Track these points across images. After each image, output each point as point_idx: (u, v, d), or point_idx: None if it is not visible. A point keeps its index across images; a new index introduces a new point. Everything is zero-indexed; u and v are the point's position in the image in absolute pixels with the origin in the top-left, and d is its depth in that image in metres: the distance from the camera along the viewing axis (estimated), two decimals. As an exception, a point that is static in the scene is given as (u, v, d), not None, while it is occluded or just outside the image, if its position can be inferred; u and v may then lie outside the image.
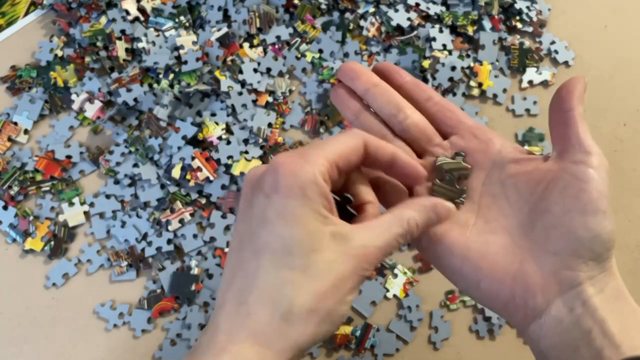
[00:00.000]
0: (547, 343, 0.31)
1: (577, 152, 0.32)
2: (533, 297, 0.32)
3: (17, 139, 0.69)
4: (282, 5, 0.73)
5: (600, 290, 0.30)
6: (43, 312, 0.63)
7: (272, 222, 0.29)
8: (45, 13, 0.75)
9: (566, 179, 0.31)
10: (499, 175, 0.35)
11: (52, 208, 0.66)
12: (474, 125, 0.37)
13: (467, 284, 0.34)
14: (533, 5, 0.75)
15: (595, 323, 0.30)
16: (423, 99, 0.38)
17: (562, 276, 0.31)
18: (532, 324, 0.32)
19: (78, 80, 0.70)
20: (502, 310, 0.34)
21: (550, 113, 0.34)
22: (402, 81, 0.38)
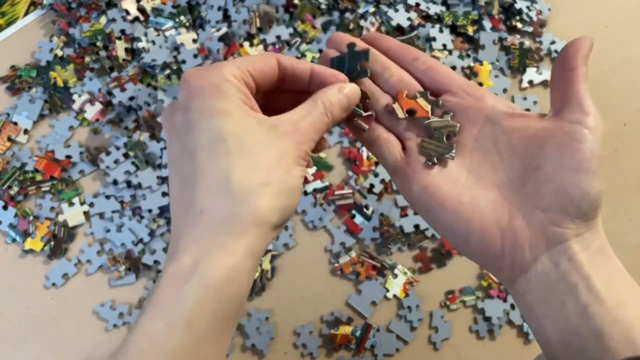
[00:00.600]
0: (533, 297, 0.32)
1: (575, 112, 0.32)
2: (521, 251, 0.32)
3: (17, 138, 0.69)
4: (282, 5, 0.73)
5: (586, 248, 0.31)
6: (43, 312, 0.63)
7: (196, 123, 0.30)
8: (45, 13, 0.75)
9: (561, 137, 0.32)
10: (492, 131, 0.35)
11: (52, 208, 0.66)
12: (465, 82, 0.37)
13: (457, 238, 0.34)
14: (533, 5, 0.75)
15: (581, 278, 0.30)
16: (411, 59, 0.38)
17: (550, 232, 0.31)
18: (518, 278, 0.33)
19: (78, 80, 0.70)
20: (490, 265, 0.34)
21: (553, 71, 0.35)
22: (388, 44, 0.39)
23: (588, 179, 0.31)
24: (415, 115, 0.37)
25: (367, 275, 0.64)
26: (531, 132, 0.33)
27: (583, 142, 0.31)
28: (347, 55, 0.38)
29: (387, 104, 0.37)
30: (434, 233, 0.66)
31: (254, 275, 0.31)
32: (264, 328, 0.63)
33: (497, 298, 0.64)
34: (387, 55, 0.38)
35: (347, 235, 0.66)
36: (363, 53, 0.37)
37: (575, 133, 0.31)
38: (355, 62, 0.38)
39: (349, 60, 0.38)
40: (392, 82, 0.37)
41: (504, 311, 0.64)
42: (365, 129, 0.37)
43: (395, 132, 0.37)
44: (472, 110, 0.36)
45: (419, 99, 0.37)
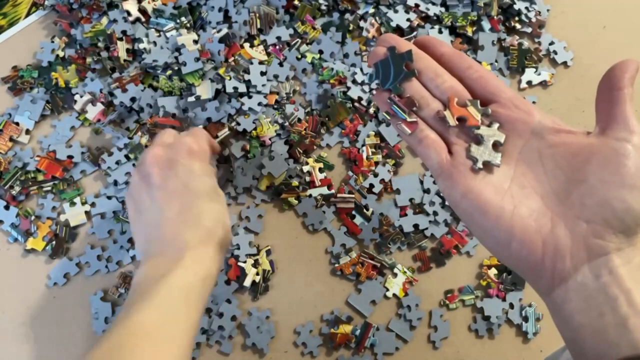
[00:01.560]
0: (572, 308, 0.32)
1: (621, 130, 0.33)
2: (562, 260, 0.32)
3: (19, 139, 0.69)
4: (283, 6, 0.73)
5: (628, 262, 0.31)
6: (44, 312, 0.64)
7: (200, 176, 0.50)
8: (47, 14, 0.75)
9: (607, 153, 0.32)
10: (538, 144, 0.36)
11: (54, 208, 0.67)
12: (514, 95, 0.38)
13: (498, 244, 0.35)
14: (532, 6, 0.75)
15: (622, 292, 0.30)
16: (464, 67, 0.39)
17: (592, 243, 0.32)
18: (557, 288, 0.33)
19: (79, 80, 0.71)
20: (529, 272, 0.34)
21: (599, 90, 0.35)
22: (442, 51, 0.39)
23: (633, 194, 0.31)
24: (466, 123, 0.37)
25: (368, 276, 0.65)
26: (576, 147, 0.34)
27: (629, 158, 0.32)
28: (390, 58, 0.39)
29: (439, 111, 0.38)
30: (433, 232, 0.66)
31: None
32: (264, 327, 0.63)
33: (496, 297, 0.65)
34: (441, 60, 0.39)
35: (347, 236, 0.66)
36: (406, 54, 0.38)
37: (621, 149, 0.32)
38: (400, 64, 0.38)
39: (393, 64, 0.39)
40: (444, 88, 0.38)
41: (502, 310, 0.64)
42: (407, 133, 0.38)
43: (442, 136, 0.38)
44: (519, 123, 0.37)
45: (469, 107, 0.37)
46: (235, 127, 0.69)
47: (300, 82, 0.72)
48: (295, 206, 0.67)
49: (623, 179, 0.31)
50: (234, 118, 0.69)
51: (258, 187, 0.67)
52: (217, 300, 0.64)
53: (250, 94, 0.70)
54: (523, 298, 0.65)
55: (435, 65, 0.39)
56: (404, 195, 0.67)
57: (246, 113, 0.69)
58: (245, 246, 0.65)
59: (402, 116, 0.38)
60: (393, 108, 0.39)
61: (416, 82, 0.39)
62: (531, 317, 0.64)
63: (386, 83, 0.39)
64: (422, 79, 0.39)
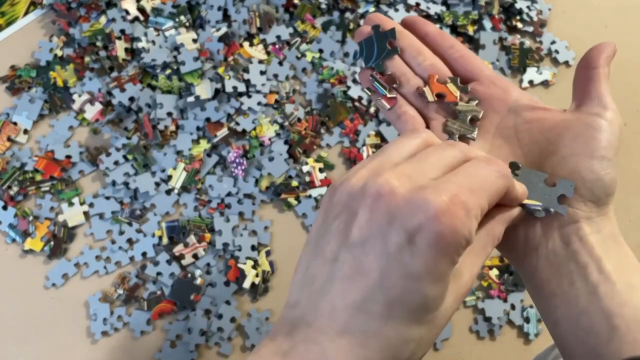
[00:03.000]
0: (543, 276, 0.33)
1: (595, 105, 0.34)
2: (533, 229, 0.33)
3: (17, 138, 0.68)
4: (282, 5, 0.73)
5: (598, 231, 0.32)
6: (43, 312, 0.63)
7: (417, 279, 0.25)
8: (45, 13, 0.74)
9: (580, 127, 0.33)
10: (514, 120, 0.37)
11: (52, 208, 0.66)
12: (493, 74, 0.39)
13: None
14: (533, 5, 0.74)
15: (592, 259, 0.31)
16: (446, 47, 0.39)
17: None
18: (528, 256, 0.33)
19: (78, 80, 0.70)
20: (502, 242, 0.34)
21: (577, 70, 0.36)
22: (426, 30, 0.40)
23: (602, 165, 0.32)
24: (445, 99, 0.38)
25: (367, 276, 0.64)
26: (551, 122, 0.35)
27: (600, 131, 0.33)
28: (374, 36, 0.39)
29: (418, 87, 0.38)
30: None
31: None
32: (263, 328, 0.63)
33: (497, 298, 0.64)
34: (425, 39, 0.40)
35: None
36: (390, 32, 0.39)
37: (593, 123, 0.33)
38: (384, 42, 0.39)
39: (377, 42, 0.39)
40: (425, 66, 0.39)
41: (504, 311, 0.64)
42: (386, 108, 0.39)
43: (422, 113, 0.39)
44: (497, 100, 0.37)
45: (449, 84, 0.38)
46: (234, 127, 0.68)
47: (300, 81, 0.72)
48: (295, 206, 0.67)
49: (593, 151, 0.32)
50: (233, 118, 0.69)
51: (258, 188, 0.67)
52: (216, 302, 0.63)
53: (249, 94, 0.70)
54: (524, 299, 0.64)
55: (418, 44, 0.39)
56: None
57: (245, 113, 0.69)
58: (246, 248, 0.65)
59: (382, 92, 0.39)
60: (374, 85, 0.39)
61: (398, 60, 0.39)
62: (532, 318, 0.64)
63: (369, 61, 0.40)
64: (404, 57, 0.39)
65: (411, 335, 0.26)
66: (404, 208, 0.25)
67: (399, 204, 0.25)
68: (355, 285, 0.26)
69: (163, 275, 0.64)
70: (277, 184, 0.67)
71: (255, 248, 0.65)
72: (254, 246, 0.65)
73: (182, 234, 0.65)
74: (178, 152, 0.67)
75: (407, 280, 0.25)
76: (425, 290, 0.26)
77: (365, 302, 0.26)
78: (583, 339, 0.31)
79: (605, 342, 0.30)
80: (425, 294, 0.26)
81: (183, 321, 0.63)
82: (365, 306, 0.26)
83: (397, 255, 0.25)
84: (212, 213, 0.66)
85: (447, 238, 0.25)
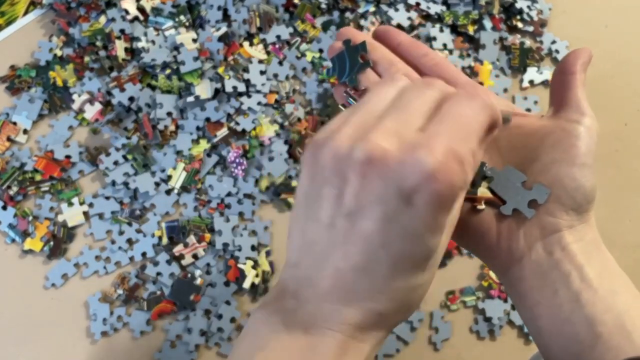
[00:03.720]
0: (527, 285, 0.33)
1: (573, 112, 0.34)
2: (516, 240, 0.33)
3: (17, 138, 0.68)
4: (282, 5, 0.73)
5: (580, 239, 0.32)
6: (42, 313, 0.63)
7: (419, 236, 0.26)
8: (45, 12, 0.74)
9: (558, 134, 0.33)
10: None
11: (52, 208, 0.66)
12: (469, 81, 0.38)
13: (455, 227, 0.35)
14: (534, 5, 0.74)
15: (574, 267, 0.31)
16: (420, 55, 0.39)
17: (544, 221, 0.32)
18: (512, 267, 0.33)
19: (77, 80, 0.70)
20: (485, 253, 0.35)
21: (554, 76, 0.36)
22: (399, 40, 0.40)
23: (582, 172, 0.32)
24: None
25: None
26: (530, 129, 0.35)
27: (579, 138, 0.33)
28: (345, 51, 0.39)
29: None
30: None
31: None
32: (264, 328, 0.63)
33: (497, 298, 0.64)
34: (398, 49, 0.39)
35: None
36: (360, 45, 0.38)
37: (572, 130, 0.33)
38: (355, 56, 0.38)
39: (348, 56, 0.39)
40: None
41: (504, 312, 0.64)
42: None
43: None
44: None
45: None
46: (234, 126, 0.68)
47: (300, 81, 0.72)
48: (295, 206, 0.67)
49: (574, 158, 0.32)
50: (233, 118, 0.69)
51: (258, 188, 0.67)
52: (216, 302, 0.63)
53: (249, 94, 0.69)
54: (524, 299, 0.64)
55: (390, 55, 0.39)
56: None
57: (245, 113, 0.69)
58: (246, 248, 0.65)
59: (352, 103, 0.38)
60: (349, 100, 0.39)
61: (371, 73, 0.39)
62: (533, 318, 0.64)
63: (342, 76, 0.39)
64: (377, 69, 0.39)
65: (417, 282, 0.28)
66: (398, 171, 0.25)
67: (393, 168, 0.25)
68: (357, 248, 0.26)
69: (163, 275, 0.64)
70: (277, 184, 0.67)
71: (255, 248, 0.65)
72: (254, 246, 0.65)
73: (182, 234, 0.65)
74: (178, 152, 0.67)
75: (409, 239, 0.26)
76: (427, 243, 0.27)
77: (370, 263, 0.26)
78: (567, 346, 0.31)
79: (588, 349, 0.30)
80: (428, 247, 0.27)
81: (183, 321, 0.63)
82: (370, 267, 0.26)
83: (395, 218, 0.26)
84: (212, 213, 0.66)
85: (445, 194, 0.25)
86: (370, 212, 0.26)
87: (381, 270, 0.26)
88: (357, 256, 0.26)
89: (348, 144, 0.26)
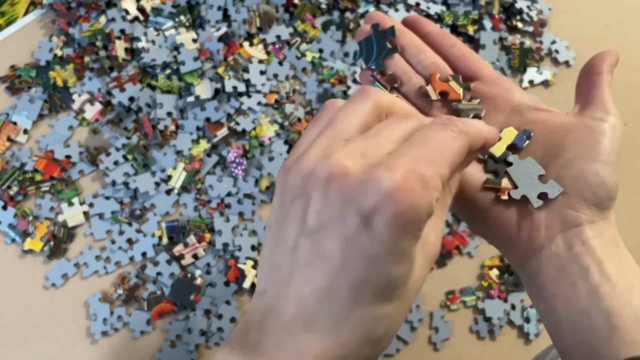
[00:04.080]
0: (545, 277, 0.33)
1: (598, 110, 0.34)
2: (537, 231, 0.33)
3: (17, 138, 0.68)
4: (282, 5, 0.73)
5: (600, 235, 0.32)
6: (42, 313, 0.63)
7: (379, 260, 0.24)
8: (45, 13, 0.74)
9: (583, 131, 0.34)
10: (517, 120, 0.37)
11: (52, 208, 0.66)
12: (495, 74, 0.39)
13: (476, 216, 0.36)
14: (533, 5, 0.74)
15: (594, 262, 0.32)
16: (447, 46, 0.39)
17: (566, 215, 0.33)
18: (531, 258, 0.34)
19: (77, 80, 0.70)
20: (504, 243, 0.35)
21: (580, 75, 0.37)
22: (428, 29, 0.40)
23: (606, 169, 0.33)
24: (448, 97, 0.37)
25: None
26: (554, 124, 0.35)
27: (604, 135, 0.33)
28: (374, 35, 0.39)
29: (421, 86, 0.38)
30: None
31: None
32: (264, 328, 0.63)
33: (497, 298, 0.64)
34: (426, 39, 0.40)
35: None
36: (389, 30, 0.38)
37: (597, 127, 0.34)
38: (383, 41, 0.39)
39: (376, 40, 0.39)
40: (426, 64, 0.39)
41: (504, 312, 0.64)
42: None
43: (423, 111, 0.38)
44: (500, 100, 0.37)
45: (451, 82, 0.38)
46: (234, 126, 0.68)
47: (300, 81, 0.72)
48: (295, 206, 0.67)
49: (598, 155, 0.33)
50: (233, 118, 0.69)
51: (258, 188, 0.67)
52: (216, 302, 0.63)
53: (249, 94, 0.69)
54: (524, 299, 0.64)
55: (418, 42, 0.39)
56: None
57: (245, 113, 0.69)
58: (246, 248, 0.65)
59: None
60: (375, 85, 0.39)
61: (399, 58, 0.39)
62: (533, 318, 0.64)
63: (369, 61, 0.39)
64: (405, 55, 0.39)
65: (382, 313, 0.26)
66: (357, 189, 0.24)
67: (352, 186, 0.24)
68: (319, 271, 0.25)
69: (163, 275, 0.64)
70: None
71: (255, 248, 0.65)
72: (254, 246, 0.65)
73: (182, 234, 0.65)
74: (178, 152, 0.67)
75: (369, 263, 0.25)
76: (389, 270, 0.25)
77: (331, 287, 0.25)
78: (583, 338, 0.31)
79: (604, 342, 0.30)
80: (390, 274, 0.25)
81: (183, 321, 0.63)
82: (331, 291, 0.25)
83: (355, 239, 0.24)
84: (212, 213, 0.66)
85: (404, 216, 0.23)
86: (330, 231, 0.25)
87: (342, 296, 0.25)
88: (319, 278, 0.25)
89: (313, 164, 0.26)
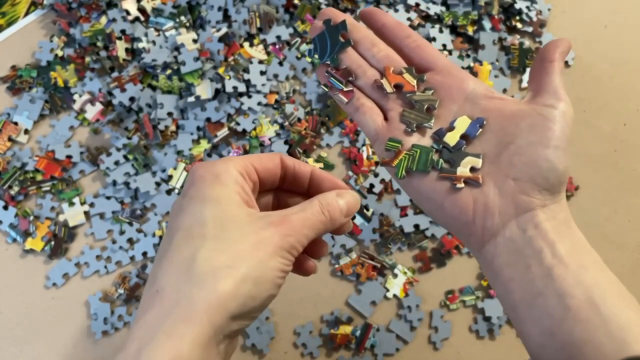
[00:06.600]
0: (501, 262, 0.34)
1: (549, 97, 0.35)
2: (491, 217, 0.34)
3: (18, 138, 0.69)
4: (282, 5, 0.73)
5: (552, 218, 0.34)
6: (43, 312, 0.63)
7: (186, 207, 0.31)
8: (46, 13, 0.75)
9: (535, 117, 0.35)
10: (471, 109, 0.38)
11: (53, 208, 0.66)
12: (450, 63, 0.40)
13: (433, 204, 0.37)
14: (533, 5, 0.75)
15: (546, 244, 0.33)
16: (403, 36, 0.40)
17: (519, 200, 0.34)
18: (487, 244, 0.35)
19: (78, 80, 0.71)
20: (461, 230, 0.36)
21: (534, 63, 0.38)
22: (384, 21, 0.41)
23: (557, 154, 0.34)
24: (403, 89, 0.38)
25: (368, 277, 0.64)
26: (507, 112, 0.36)
27: (554, 122, 0.34)
28: (326, 30, 0.39)
29: (376, 80, 0.39)
30: (434, 233, 0.66)
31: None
32: (264, 328, 0.63)
33: (497, 298, 0.64)
34: (382, 30, 0.40)
35: (347, 237, 0.66)
36: (340, 24, 0.39)
37: (548, 114, 0.35)
38: (336, 36, 0.39)
39: (329, 35, 0.39)
40: (379, 57, 0.39)
41: (503, 311, 0.64)
42: (344, 102, 0.39)
43: (378, 104, 0.39)
44: (454, 90, 0.38)
45: (405, 75, 0.39)
46: (234, 127, 0.69)
47: (300, 81, 0.72)
48: (295, 206, 0.67)
49: (548, 141, 0.34)
50: (233, 118, 0.69)
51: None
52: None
53: (249, 94, 0.70)
54: (524, 299, 0.64)
55: (371, 35, 0.40)
56: (405, 195, 0.67)
57: (246, 113, 0.69)
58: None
59: (338, 87, 0.39)
60: (330, 80, 0.39)
61: (352, 52, 0.40)
62: (532, 318, 0.64)
63: (324, 56, 0.40)
64: (359, 49, 0.40)
65: (191, 245, 0.29)
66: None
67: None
68: (166, 239, 0.31)
69: (163, 275, 0.64)
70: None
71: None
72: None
73: (183, 233, 0.65)
74: (178, 152, 0.68)
75: (178, 215, 0.32)
76: (191, 210, 0.31)
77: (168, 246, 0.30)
78: (539, 320, 0.32)
79: (558, 322, 0.31)
80: (193, 212, 0.31)
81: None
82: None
83: (176, 208, 0.32)
84: (212, 213, 0.66)
85: (199, 173, 0.32)
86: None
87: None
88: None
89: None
